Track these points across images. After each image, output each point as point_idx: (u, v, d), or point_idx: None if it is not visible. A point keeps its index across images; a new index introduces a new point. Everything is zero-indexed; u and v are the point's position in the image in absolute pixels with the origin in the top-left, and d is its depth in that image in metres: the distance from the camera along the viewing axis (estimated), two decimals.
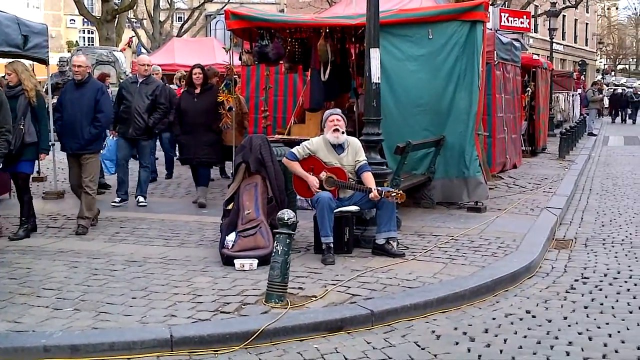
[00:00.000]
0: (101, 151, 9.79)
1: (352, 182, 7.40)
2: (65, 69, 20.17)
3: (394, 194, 7.11)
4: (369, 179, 7.36)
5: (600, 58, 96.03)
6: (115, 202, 10.32)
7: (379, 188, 7.20)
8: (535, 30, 54.72)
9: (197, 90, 10.43)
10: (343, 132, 7.49)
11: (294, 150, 7.57)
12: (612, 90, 47.37)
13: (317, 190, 7.32)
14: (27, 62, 9.79)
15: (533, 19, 34.51)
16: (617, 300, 6.28)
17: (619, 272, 7.25)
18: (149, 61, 10.90)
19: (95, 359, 4.82)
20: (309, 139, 7.77)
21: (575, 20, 74.97)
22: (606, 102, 40.45)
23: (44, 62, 11.48)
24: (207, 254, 7.43)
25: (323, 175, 7.39)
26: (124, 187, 10.50)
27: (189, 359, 4.89)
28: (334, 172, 7.40)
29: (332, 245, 7.16)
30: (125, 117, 10.24)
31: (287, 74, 13.28)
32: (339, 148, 7.48)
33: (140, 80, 10.38)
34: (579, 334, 5.42)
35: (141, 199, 10.44)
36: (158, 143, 13.34)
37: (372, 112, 7.95)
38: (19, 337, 5.00)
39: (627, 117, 39.86)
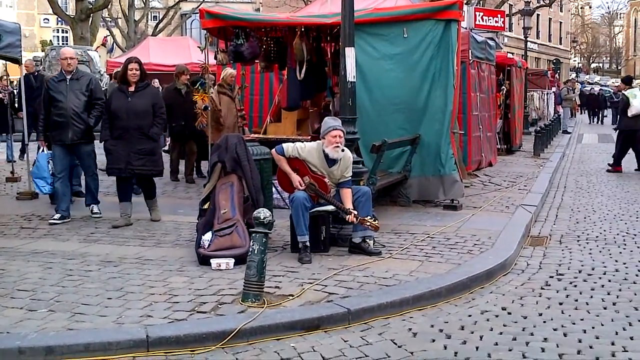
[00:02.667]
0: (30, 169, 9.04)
1: (332, 196, 7.38)
2: (39, 69, 20.11)
3: (368, 223, 7.16)
4: (347, 195, 7.34)
5: (574, 56, 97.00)
6: (55, 219, 8.99)
7: (355, 212, 7.19)
8: (510, 29, 55.12)
9: (132, 88, 8.94)
10: (343, 150, 7.38)
11: (284, 145, 7.47)
12: (581, 88, 46.79)
13: (301, 187, 7.29)
14: None
15: (507, 17, 34.77)
16: (591, 297, 6.33)
17: (593, 269, 7.31)
18: (73, 53, 9.46)
19: None
20: (285, 138, 7.73)
21: (550, 19, 75.65)
22: (578, 100, 40.38)
23: (17, 61, 11.39)
24: (183, 254, 7.39)
25: (306, 180, 7.34)
26: (66, 203, 9.23)
27: (166, 359, 4.87)
28: (316, 180, 7.36)
29: (308, 244, 7.16)
30: (61, 120, 9.03)
31: (263, 73, 13.29)
32: (331, 161, 7.38)
33: (68, 77, 9.12)
34: (554, 330, 5.47)
35: (95, 208, 9.47)
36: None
37: (348, 110, 7.97)
38: None
39: (604, 118, 39.06)
